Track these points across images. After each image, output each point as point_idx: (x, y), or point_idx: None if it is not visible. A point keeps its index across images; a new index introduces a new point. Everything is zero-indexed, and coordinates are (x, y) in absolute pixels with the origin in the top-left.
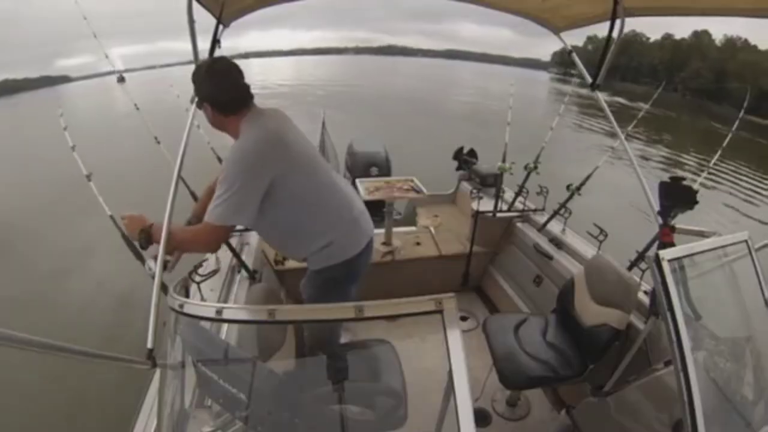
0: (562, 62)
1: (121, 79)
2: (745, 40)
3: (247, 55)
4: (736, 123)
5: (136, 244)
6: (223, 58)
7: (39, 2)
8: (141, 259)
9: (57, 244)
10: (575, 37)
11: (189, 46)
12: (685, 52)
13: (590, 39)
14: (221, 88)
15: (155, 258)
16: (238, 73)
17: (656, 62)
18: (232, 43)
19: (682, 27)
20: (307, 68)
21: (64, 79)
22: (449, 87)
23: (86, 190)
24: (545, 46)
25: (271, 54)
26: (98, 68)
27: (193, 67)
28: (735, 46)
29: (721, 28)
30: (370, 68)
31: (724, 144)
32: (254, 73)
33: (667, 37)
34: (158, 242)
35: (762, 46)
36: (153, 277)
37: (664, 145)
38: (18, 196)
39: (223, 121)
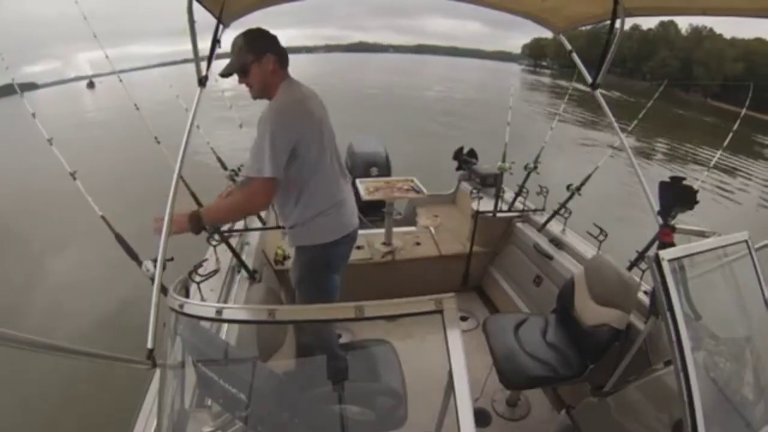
0: (532, 54)
1: (91, 85)
2: (711, 29)
3: (219, 56)
4: (737, 122)
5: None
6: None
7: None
8: (137, 260)
9: (46, 246)
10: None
11: (154, 51)
12: (651, 42)
13: None
14: (278, 44)
15: (154, 260)
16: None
17: (625, 52)
18: (206, 46)
19: (648, 18)
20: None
21: (31, 86)
22: (432, 82)
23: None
24: (516, 38)
25: None
26: (70, 73)
27: (174, 68)
28: (700, 35)
29: (686, 17)
30: (344, 66)
31: (725, 144)
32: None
33: (635, 28)
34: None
35: (727, 35)
36: (150, 279)
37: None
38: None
39: (277, 73)
